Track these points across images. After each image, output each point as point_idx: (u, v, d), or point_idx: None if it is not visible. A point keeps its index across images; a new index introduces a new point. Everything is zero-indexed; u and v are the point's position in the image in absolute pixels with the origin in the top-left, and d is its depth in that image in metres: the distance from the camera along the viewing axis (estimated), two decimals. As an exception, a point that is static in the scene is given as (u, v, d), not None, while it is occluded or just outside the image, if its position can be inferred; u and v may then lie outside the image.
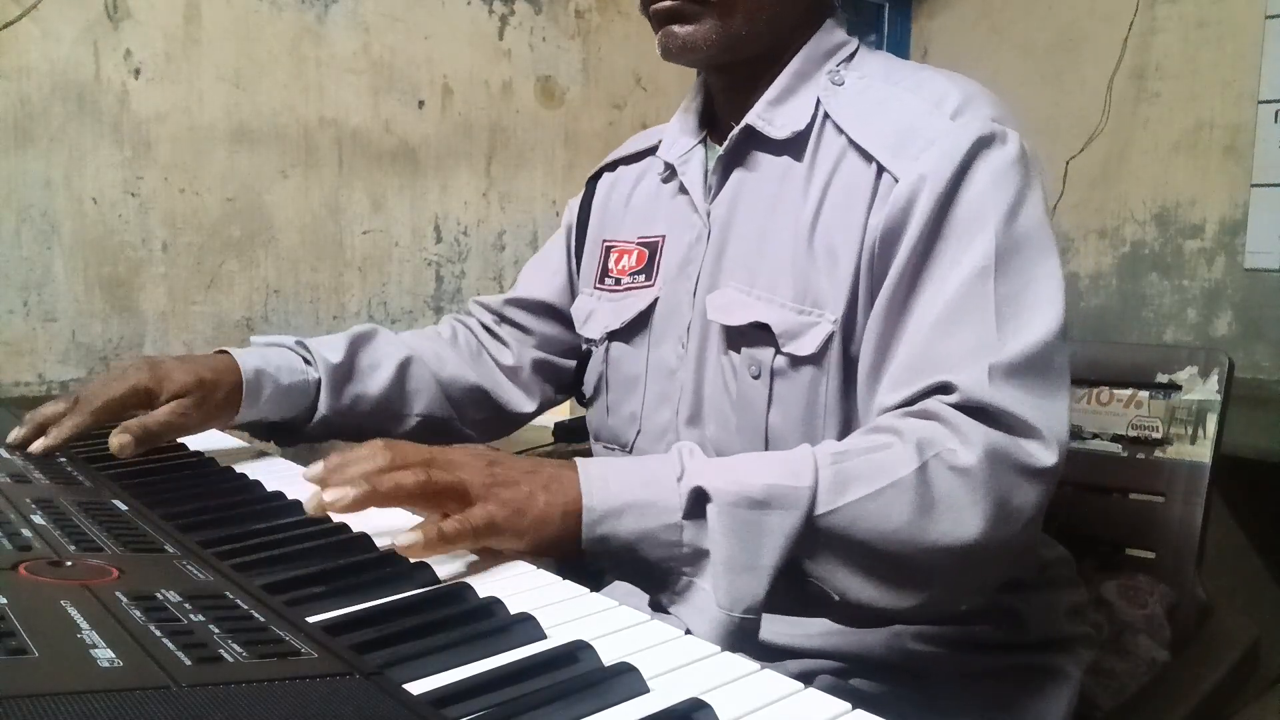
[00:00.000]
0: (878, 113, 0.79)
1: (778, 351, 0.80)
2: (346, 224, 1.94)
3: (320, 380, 0.95)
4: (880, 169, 0.76)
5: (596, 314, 0.97)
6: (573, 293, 1.05)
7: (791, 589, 0.66)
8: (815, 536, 0.64)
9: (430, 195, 2.05)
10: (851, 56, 0.86)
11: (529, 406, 1.08)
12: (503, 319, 1.09)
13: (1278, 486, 1.76)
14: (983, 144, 0.74)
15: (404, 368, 1.00)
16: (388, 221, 2.00)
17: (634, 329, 0.93)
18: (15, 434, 0.82)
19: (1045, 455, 0.68)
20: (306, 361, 0.96)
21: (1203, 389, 1.06)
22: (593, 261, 1.00)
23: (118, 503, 0.69)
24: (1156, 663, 0.97)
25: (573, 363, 1.07)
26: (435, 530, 0.60)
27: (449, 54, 2.05)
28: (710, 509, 0.64)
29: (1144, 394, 1.10)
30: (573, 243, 1.06)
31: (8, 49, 1.53)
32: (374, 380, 0.98)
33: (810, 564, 0.65)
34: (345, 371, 0.97)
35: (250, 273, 1.83)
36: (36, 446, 0.80)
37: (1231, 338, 2.33)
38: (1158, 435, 1.08)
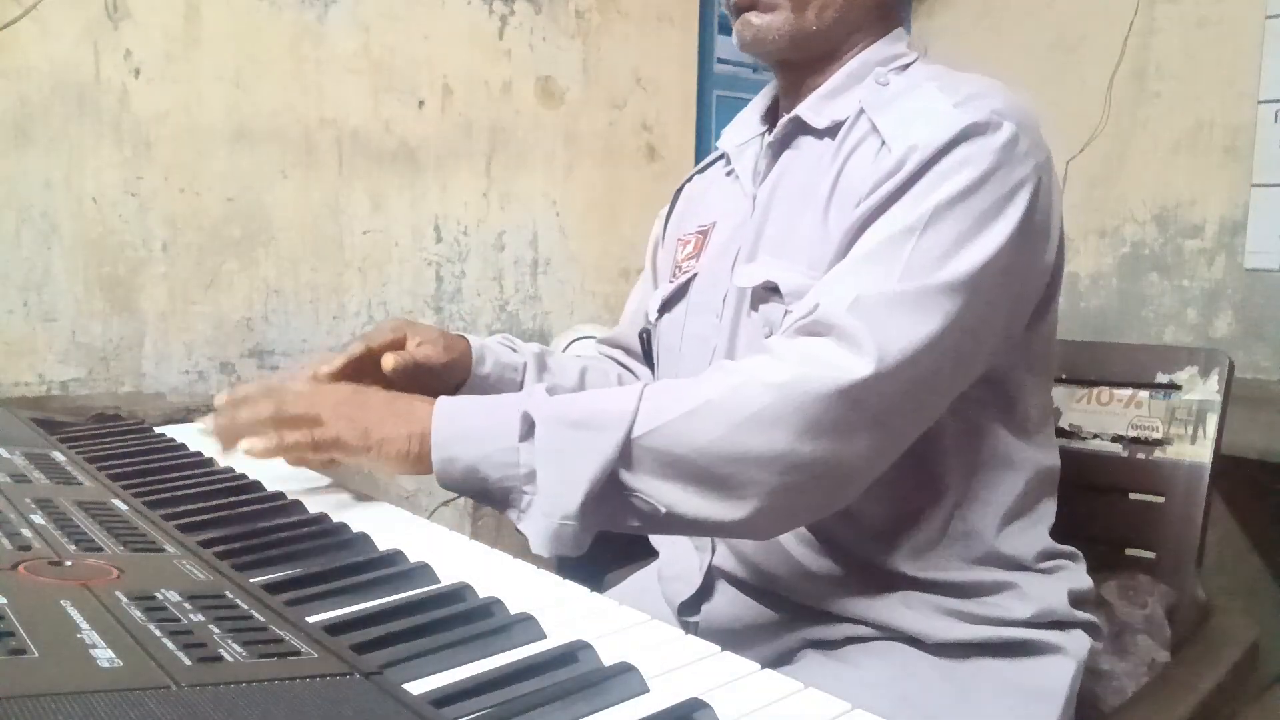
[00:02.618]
0: (899, 102, 0.83)
1: (786, 311, 0.83)
2: (346, 224, 1.94)
3: (527, 364, 1.03)
4: (883, 143, 0.81)
5: (655, 299, 1.03)
6: None
7: (620, 503, 0.73)
8: (633, 455, 0.72)
9: (430, 195, 2.05)
10: (907, 67, 0.89)
11: None
12: (623, 349, 1.14)
13: (1278, 486, 1.75)
14: (974, 129, 0.76)
15: (584, 374, 1.07)
16: (388, 221, 2.00)
17: (673, 301, 0.99)
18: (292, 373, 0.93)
19: (857, 365, 0.70)
20: (513, 350, 1.04)
21: (1203, 389, 1.06)
22: (668, 259, 1.06)
23: (118, 503, 0.69)
24: (1156, 663, 0.97)
25: None
26: (277, 438, 0.74)
27: (449, 54, 2.05)
28: (537, 429, 0.73)
29: (1144, 394, 1.10)
30: (659, 248, 1.11)
31: (8, 49, 1.53)
32: (564, 377, 1.06)
33: (631, 479, 0.72)
34: (543, 362, 1.05)
35: (250, 273, 1.83)
36: (321, 372, 0.89)
37: (1231, 338, 2.33)
38: (1158, 435, 1.08)
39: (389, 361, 0.92)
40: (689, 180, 1.10)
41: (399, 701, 0.41)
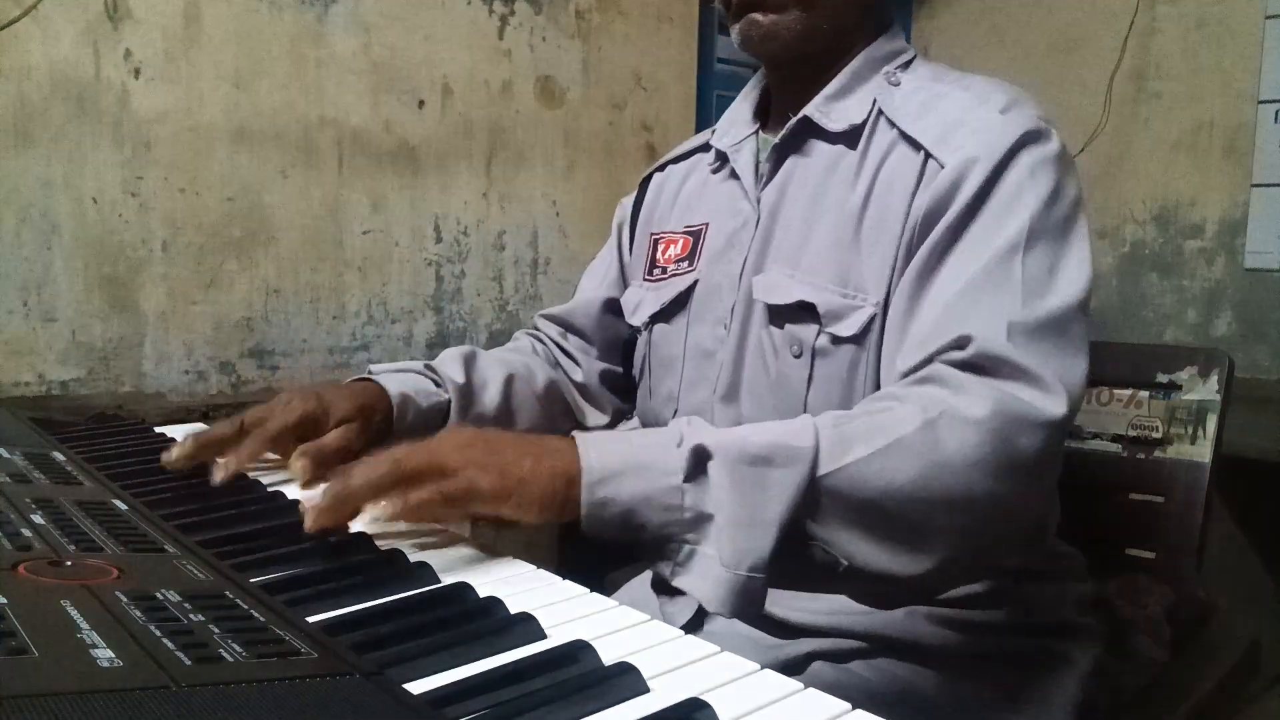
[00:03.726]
0: (928, 108, 0.82)
1: (820, 330, 0.82)
2: (346, 224, 1.94)
3: (451, 401, 0.98)
4: (927, 156, 0.79)
5: (644, 303, 1.00)
6: (625, 285, 1.08)
7: (797, 555, 0.65)
8: (819, 498, 0.64)
9: (430, 195, 2.05)
10: (908, 64, 0.89)
11: (602, 420, 1.11)
12: (569, 329, 1.11)
13: (1278, 486, 1.75)
14: (1030, 138, 0.77)
15: (509, 385, 1.03)
16: (388, 221, 2.00)
17: (673, 310, 0.96)
18: (176, 452, 0.80)
19: (1052, 405, 0.68)
20: (436, 384, 0.98)
21: (1203, 389, 1.06)
22: (641, 255, 1.03)
23: (118, 503, 0.68)
24: (1156, 663, 0.97)
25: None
26: (403, 500, 0.63)
27: (449, 54, 2.05)
28: (712, 466, 0.63)
29: (1144, 394, 1.10)
30: (625, 239, 1.09)
31: (8, 49, 1.53)
32: (487, 399, 1.01)
33: (815, 526, 0.65)
34: (468, 391, 0.99)
35: (250, 273, 1.83)
36: (217, 476, 0.78)
37: (1231, 338, 2.33)
38: (1158, 435, 1.08)
39: (299, 466, 0.79)
40: (660, 169, 1.07)
41: (399, 701, 0.41)
